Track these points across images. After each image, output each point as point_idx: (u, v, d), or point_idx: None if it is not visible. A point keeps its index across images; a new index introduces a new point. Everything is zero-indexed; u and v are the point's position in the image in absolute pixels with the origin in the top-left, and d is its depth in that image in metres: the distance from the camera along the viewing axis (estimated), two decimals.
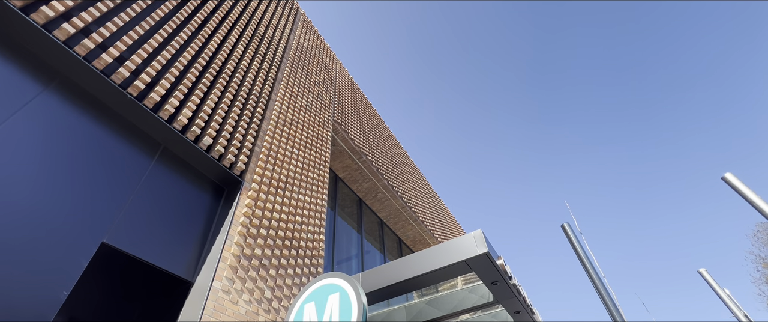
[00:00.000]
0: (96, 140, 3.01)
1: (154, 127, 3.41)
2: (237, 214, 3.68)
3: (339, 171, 8.54)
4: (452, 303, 4.67)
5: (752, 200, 2.23)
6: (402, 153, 11.77)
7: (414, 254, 3.74)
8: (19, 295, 2.17)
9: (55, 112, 2.81)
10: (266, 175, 4.36)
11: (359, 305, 2.94)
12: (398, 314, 5.09)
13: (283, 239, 4.15)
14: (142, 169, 3.29)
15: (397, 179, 9.89)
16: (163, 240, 3.16)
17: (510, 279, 3.93)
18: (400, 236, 10.76)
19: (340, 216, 7.97)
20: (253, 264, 3.57)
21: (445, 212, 13.46)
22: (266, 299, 3.55)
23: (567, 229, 3.13)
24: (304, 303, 3.30)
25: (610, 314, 2.64)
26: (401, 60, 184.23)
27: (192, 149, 3.63)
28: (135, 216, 3.03)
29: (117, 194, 2.97)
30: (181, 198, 3.53)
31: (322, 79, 7.74)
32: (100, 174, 2.92)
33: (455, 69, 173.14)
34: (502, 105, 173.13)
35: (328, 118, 7.04)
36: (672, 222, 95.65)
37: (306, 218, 4.74)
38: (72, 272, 2.46)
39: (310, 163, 5.48)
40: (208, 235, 3.59)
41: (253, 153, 4.35)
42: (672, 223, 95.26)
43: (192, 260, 3.32)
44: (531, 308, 4.60)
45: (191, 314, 2.91)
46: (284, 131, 5.22)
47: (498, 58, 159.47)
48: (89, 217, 2.70)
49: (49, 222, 2.47)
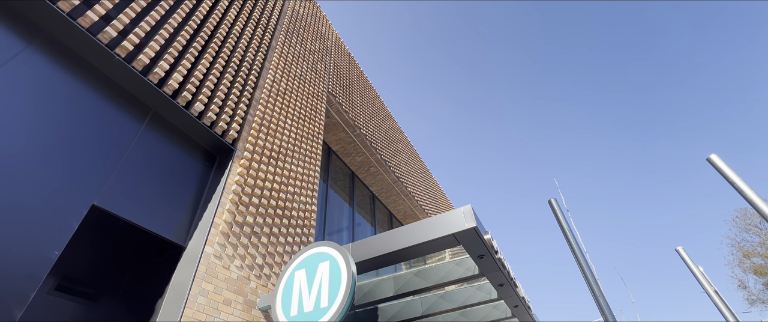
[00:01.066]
0: (83, 102, 2.94)
1: (143, 90, 3.34)
2: (229, 182, 3.68)
3: (332, 144, 8.51)
4: (439, 275, 4.82)
5: (735, 182, 2.28)
6: (396, 128, 11.73)
7: (404, 227, 3.81)
8: (10, 254, 2.18)
9: (39, 70, 2.72)
10: (259, 144, 4.33)
11: (349, 273, 3.02)
12: (386, 284, 5.24)
13: (275, 208, 4.19)
14: (132, 133, 3.24)
15: (391, 154, 9.92)
16: (155, 205, 3.16)
17: (496, 254, 4.05)
18: (392, 210, 10.91)
19: (332, 189, 8.02)
20: (245, 231, 3.61)
21: (436, 188, 13.62)
22: (258, 265, 3.62)
23: (554, 204, 3.21)
24: (294, 270, 3.38)
25: (590, 287, 2.76)
26: (399, 31, 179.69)
27: (183, 115, 3.57)
28: (126, 180, 3.01)
29: (106, 157, 2.93)
30: (173, 164, 3.51)
31: (317, 49, 7.56)
32: (89, 137, 2.87)
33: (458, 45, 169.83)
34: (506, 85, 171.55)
35: (323, 89, 6.93)
36: (655, 202, 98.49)
37: (298, 189, 4.76)
38: (62, 233, 2.47)
39: (303, 134, 5.45)
40: (200, 201, 3.60)
41: (246, 121, 4.30)
42: (655, 203, 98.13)
43: (184, 225, 3.34)
44: (514, 282, 4.78)
45: (183, 277, 2.97)
46: (278, 101, 5.14)
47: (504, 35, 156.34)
48: (79, 179, 2.68)
49: (38, 183, 2.44)
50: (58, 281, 3.04)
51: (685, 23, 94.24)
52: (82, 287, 3.18)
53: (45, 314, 2.87)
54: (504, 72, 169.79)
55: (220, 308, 3.01)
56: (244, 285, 3.35)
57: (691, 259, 4.27)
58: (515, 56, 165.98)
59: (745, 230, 25.87)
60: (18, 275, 2.19)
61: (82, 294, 3.16)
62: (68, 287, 3.09)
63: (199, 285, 2.91)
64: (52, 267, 2.96)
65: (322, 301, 2.98)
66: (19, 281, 2.18)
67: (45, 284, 2.94)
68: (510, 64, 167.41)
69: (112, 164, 2.95)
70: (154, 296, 3.03)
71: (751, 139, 61.76)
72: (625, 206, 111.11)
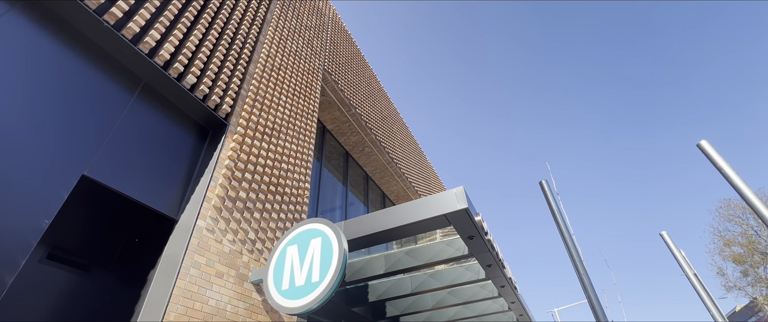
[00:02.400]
0: (70, 70, 2.86)
1: (133, 61, 3.25)
2: (222, 156, 3.66)
3: (327, 123, 8.45)
4: (429, 254, 4.91)
5: (723, 168, 2.33)
6: (392, 109, 11.66)
7: (397, 206, 3.85)
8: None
9: (23, 36, 2.63)
10: (252, 119, 4.28)
11: (340, 250, 3.06)
12: (377, 262, 5.34)
13: (268, 185, 4.19)
14: (122, 104, 3.17)
15: (386, 135, 9.89)
16: (146, 177, 3.14)
17: (486, 235, 4.12)
18: (385, 190, 10.98)
19: (326, 167, 8.02)
20: (238, 206, 3.62)
21: (429, 170, 13.69)
22: (250, 240, 3.65)
23: (545, 186, 3.25)
24: (287, 245, 3.42)
25: (575, 267, 2.84)
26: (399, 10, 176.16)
27: (175, 87, 3.50)
28: (116, 151, 2.98)
29: (96, 128, 2.88)
30: (164, 137, 3.46)
31: (313, 25, 7.38)
32: (76, 106, 2.81)
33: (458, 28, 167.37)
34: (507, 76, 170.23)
35: (319, 66, 6.82)
36: (643, 192, 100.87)
37: (292, 166, 4.75)
38: (52, 202, 2.45)
39: (297, 111, 5.39)
40: (192, 175, 3.58)
41: (239, 96, 4.23)
42: (643, 192, 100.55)
43: (176, 198, 3.34)
44: (502, 263, 4.89)
45: (176, 249, 2.99)
46: (272, 76, 5.06)
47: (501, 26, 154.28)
48: (68, 149, 2.64)
49: (26, 152, 2.41)
50: (51, 250, 3.04)
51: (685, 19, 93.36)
52: (75, 257, 3.19)
53: (38, 281, 2.89)
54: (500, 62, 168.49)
55: (212, 281, 3.05)
56: (236, 259, 3.38)
57: (675, 244, 4.40)
58: (513, 48, 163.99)
59: (728, 220, 26.59)
60: (8, 242, 2.18)
61: (74, 264, 3.17)
62: (60, 257, 3.09)
63: (191, 257, 2.94)
64: (43, 236, 2.96)
65: (313, 276, 3.03)
66: (10, 248, 2.18)
67: (36, 253, 2.94)
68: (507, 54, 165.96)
69: (101, 135, 2.91)
70: (147, 267, 3.05)
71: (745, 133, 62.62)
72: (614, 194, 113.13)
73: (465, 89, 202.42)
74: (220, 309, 3.02)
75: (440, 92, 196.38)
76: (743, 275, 25.60)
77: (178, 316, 2.67)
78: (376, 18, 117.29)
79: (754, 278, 25.08)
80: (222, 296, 3.09)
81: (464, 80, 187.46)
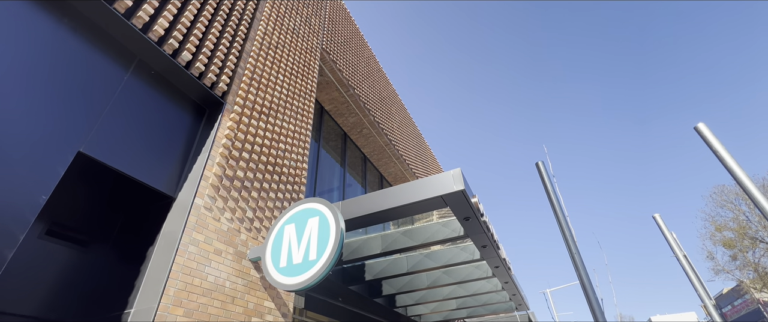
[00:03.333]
0: (62, 45, 2.80)
1: (127, 35, 3.18)
2: (219, 135, 3.64)
3: (325, 103, 8.38)
4: (425, 235, 4.98)
5: (718, 151, 2.33)
6: (390, 90, 11.55)
7: (394, 187, 3.87)
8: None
9: (16, 11, 2.55)
10: (249, 98, 4.24)
11: (337, 229, 3.09)
12: (374, 242, 5.41)
13: (266, 164, 4.19)
14: (117, 80, 3.12)
15: (384, 116, 9.84)
16: (142, 154, 3.13)
17: (481, 216, 4.17)
18: (383, 172, 11.02)
19: (323, 148, 8.01)
20: (235, 185, 3.63)
21: (427, 153, 13.71)
22: (248, 218, 3.68)
23: (541, 167, 3.27)
24: (284, 224, 3.45)
25: (568, 247, 2.89)
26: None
27: (170, 64, 3.44)
28: (112, 128, 2.95)
29: (91, 104, 2.85)
30: (160, 114, 3.43)
31: (311, 2, 7.20)
32: (70, 83, 2.77)
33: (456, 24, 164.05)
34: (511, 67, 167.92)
35: (317, 45, 6.70)
36: (639, 176, 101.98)
37: (289, 146, 4.74)
38: (49, 179, 2.45)
39: (295, 91, 5.33)
40: (189, 153, 3.57)
41: (236, 74, 4.17)
42: (639, 176, 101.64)
43: (173, 176, 3.34)
44: (497, 244, 4.97)
45: (174, 226, 3.01)
46: (269, 55, 4.97)
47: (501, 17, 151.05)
48: (63, 125, 2.62)
49: (21, 129, 2.38)
50: (49, 226, 3.06)
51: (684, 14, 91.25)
52: (74, 233, 3.22)
53: (38, 257, 2.92)
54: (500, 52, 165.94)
55: (210, 257, 3.09)
56: (234, 237, 3.42)
57: (667, 227, 4.48)
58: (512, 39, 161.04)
59: (721, 205, 26.97)
60: (6, 217, 2.19)
61: (73, 240, 3.20)
62: (59, 233, 3.11)
63: (189, 235, 2.96)
64: (42, 213, 2.97)
65: (310, 254, 3.08)
66: (8, 223, 2.19)
67: (35, 229, 2.96)
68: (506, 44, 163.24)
69: (97, 112, 2.88)
70: (146, 244, 3.08)
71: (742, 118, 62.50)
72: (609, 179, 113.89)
73: (467, 76, 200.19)
74: (219, 285, 3.07)
75: (441, 78, 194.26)
76: (732, 259, 26.18)
77: (177, 291, 2.71)
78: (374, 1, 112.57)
79: (743, 262, 25.67)
80: (221, 272, 3.14)
81: (465, 68, 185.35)
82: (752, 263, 25.13)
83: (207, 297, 2.93)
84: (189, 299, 2.78)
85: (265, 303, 3.52)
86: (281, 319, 3.67)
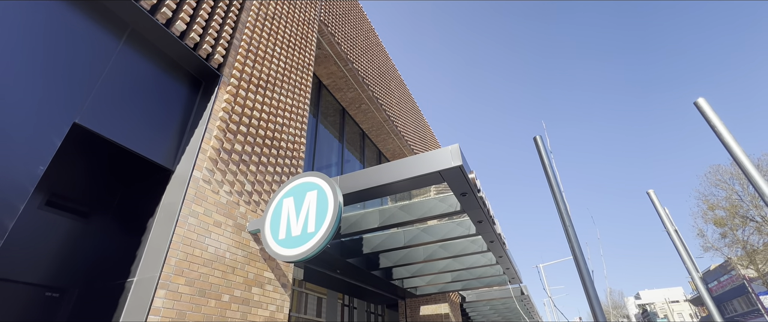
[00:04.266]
0: (52, 13, 2.71)
1: (118, 3, 3.08)
2: (216, 108, 3.61)
3: (323, 77, 8.26)
4: (422, 210, 5.04)
5: (718, 129, 2.33)
6: (390, 65, 11.36)
7: (392, 162, 3.88)
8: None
9: None
10: (246, 71, 4.17)
11: (335, 203, 3.13)
12: (372, 216, 5.48)
13: (264, 138, 4.17)
14: (109, 50, 3.05)
15: (383, 92, 9.73)
16: (138, 126, 3.11)
17: (478, 192, 4.21)
18: (381, 148, 11.02)
19: (322, 124, 7.97)
20: (234, 159, 3.63)
21: (426, 130, 13.67)
22: (247, 191, 3.70)
23: (538, 141, 3.28)
24: (283, 198, 3.48)
25: (562, 220, 2.95)
26: None
27: (163, 34, 3.36)
28: (106, 100, 2.92)
29: (84, 74, 2.79)
30: (156, 86, 3.38)
31: None
32: (62, 52, 2.70)
33: None
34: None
35: (314, 17, 6.52)
36: (634, 147, 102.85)
37: (287, 120, 4.71)
38: (46, 149, 2.44)
39: (292, 64, 5.23)
40: (186, 126, 3.55)
41: (232, 46, 4.08)
42: (633, 148, 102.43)
43: (171, 149, 3.33)
44: (493, 219, 5.05)
45: (173, 198, 3.04)
46: (265, 26, 4.84)
47: None
48: (57, 96, 2.58)
49: (15, 99, 2.35)
50: (49, 197, 3.08)
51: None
52: (74, 205, 3.24)
53: (39, 227, 2.95)
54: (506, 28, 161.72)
55: (210, 229, 3.14)
56: (233, 209, 3.45)
57: (660, 203, 4.57)
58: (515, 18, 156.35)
59: (715, 185, 27.31)
60: (5, 188, 2.20)
61: (74, 211, 3.22)
62: (59, 204, 3.14)
63: (189, 207, 2.99)
64: (42, 184, 2.98)
65: (309, 226, 3.12)
66: (7, 193, 2.20)
67: (35, 199, 2.97)
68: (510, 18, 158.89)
69: (90, 82, 2.83)
70: (146, 216, 3.12)
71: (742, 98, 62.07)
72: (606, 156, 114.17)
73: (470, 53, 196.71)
74: (219, 256, 3.14)
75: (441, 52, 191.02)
76: (722, 236, 26.80)
77: (179, 261, 2.77)
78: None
79: (732, 239, 26.29)
80: (220, 243, 3.20)
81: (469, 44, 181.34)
82: (741, 241, 25.76)
83: (208, 267, 3.00)
84: (190, 268, 2.85)
85: (265, 274, 3.61)
86: (281, 289, 3.77)
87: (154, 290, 2.56)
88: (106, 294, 2.85)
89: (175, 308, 2.65)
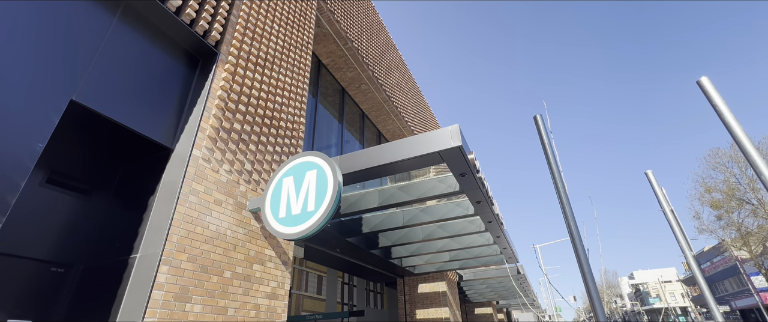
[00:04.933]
0: None
1: None
2: (213, 87, 3.57)
3: (322, 57, 8.13)
4: (421, 190, 5.07)
5: (720, 108, 2.32)
6: (390, 44, 11.17)
7: (392, 142, 3.88)
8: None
9: None
10: (244, 49, 4.10)
11: (335, 182, 3.14)
12: (371, 196, 5.52)
13: (263, 118, 4.15)
14: (103, 27, 2.99)
15: (383, 72, 9.61)
16: (136, 104, 3.08)
17: (477, 173, 4.23)
18: (381, 129, 10.98)
19: (321, 104, 7.91)
20: (233, 138, 3.63)
21: (426, 111, 13.58)
22: (246, 170, 3.72)
23: (538, 120, 3.27)
24: (283, 177, 3.50)
25: (560, 199, 2.98)
26: None
27: (158, 10, 3.28)
28: (103, 76, 2.88)
29: (78, 51, 2.75)
30: (152, 64, 3.33)
31: None
32: (55, 28, 2.65)
33: None
34: None
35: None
36: (631, 128, 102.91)
37: (286, 99, 4.67)
38: (44, 127, 2.43)
39: (291, 42, 5.14)
40: (185, 105, 3.52)
41: (229, 23, 4.00)
42: (632, 128, 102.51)
43: (169, 127, 3.32)
44: (491, 200, 5.09)
45: (173, 177, 3.05)
46: (263, 2, 4.73)
47: None
48: (52, 73, 2.54)
49: (11, 76, 2.32)
50: (50, 174, 3.09)
51: None
52: (75, 182, 3.26)
53: (41, 205, 2.98)
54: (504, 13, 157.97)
55: (211, 207, 3.17)
56: (233, 188, 3.48)
57: (658, 183, 4.60)
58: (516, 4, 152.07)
59: (713, 168, 27.40)
60: (5, 165, 2.20)
61: (75, 188, 3.24)
62: (60, 181, 3.15)
63: (189, 185, 3.01)
64: (42, 161, 2.99)
65: (309, 205, 3.15)
66: (7, 170, 2.21)
67: (36, 177, 2.98)
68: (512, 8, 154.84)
69: (85, 59, 2.78)
70: (147, 194, 3.14)
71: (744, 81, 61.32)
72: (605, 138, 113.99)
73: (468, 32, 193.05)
74: (220, 234, 3.18)
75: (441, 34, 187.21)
76: (717, 219, 27.11)
77: (180, 238, 2.81)
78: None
79: (727, 222, 26.61)
80: (221, 221, 3.23)
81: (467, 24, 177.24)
82: (736, 223, 26.08)
83: (209, 244, 3.05)
84: (192, 245, 2.89)
85: (266, 251, 3.67)
86: (282, 266, 3.85)
87: (157, 265, 2.61)
88: (110, 269, 2.91)
89: (178, 283, 2.71)
